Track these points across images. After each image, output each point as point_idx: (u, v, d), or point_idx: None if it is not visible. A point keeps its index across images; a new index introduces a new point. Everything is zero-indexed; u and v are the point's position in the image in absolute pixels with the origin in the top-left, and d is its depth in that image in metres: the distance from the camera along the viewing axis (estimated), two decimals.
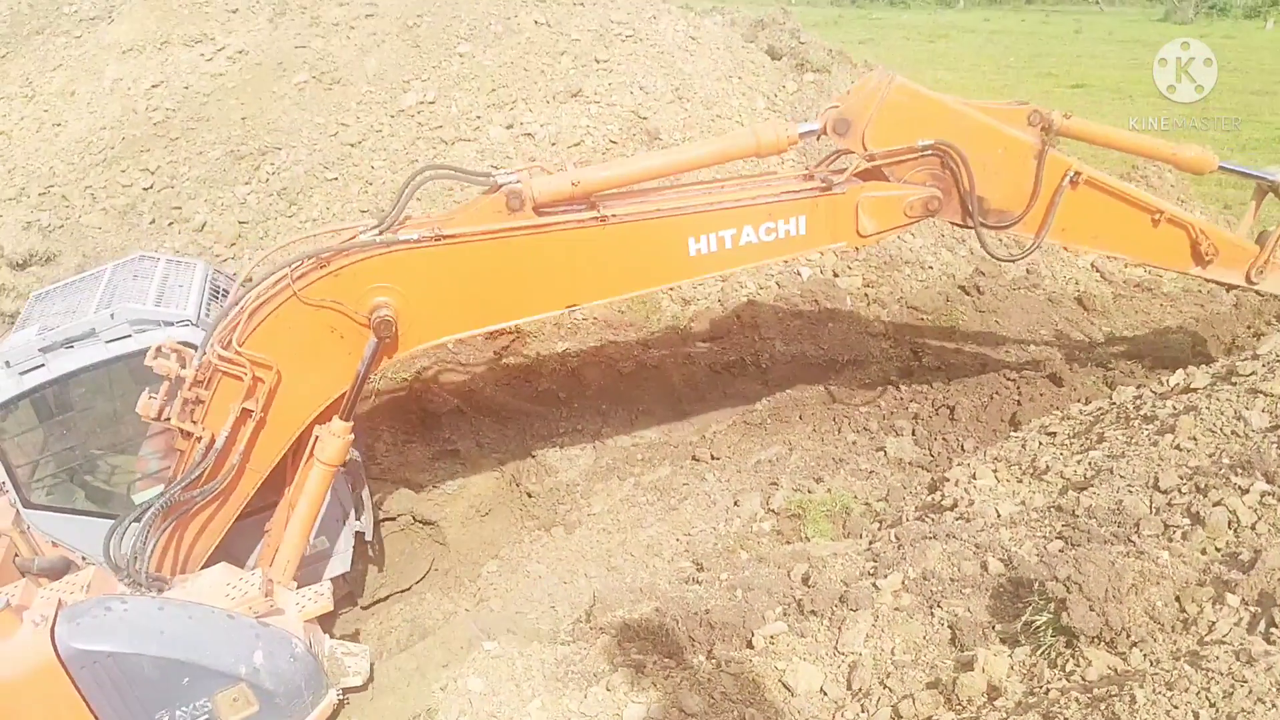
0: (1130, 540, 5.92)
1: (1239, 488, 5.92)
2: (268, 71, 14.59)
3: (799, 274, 12.19)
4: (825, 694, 5.98)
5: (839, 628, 6.37)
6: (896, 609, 6.28)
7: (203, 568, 7.18)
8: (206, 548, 7.17)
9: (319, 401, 6.85)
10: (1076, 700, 4.65)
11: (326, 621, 8.65)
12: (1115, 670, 4.97)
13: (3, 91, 14.84)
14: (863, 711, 5.71)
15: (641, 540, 9.76)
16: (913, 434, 10.32)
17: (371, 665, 7.54)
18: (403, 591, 10.11)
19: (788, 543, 8.64)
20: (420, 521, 10.30)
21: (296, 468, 7.21)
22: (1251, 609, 4.97)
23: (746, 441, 11.26)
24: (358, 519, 8.45)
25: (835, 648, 6.26)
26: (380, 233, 6.52)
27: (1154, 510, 6.20)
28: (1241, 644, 4.64)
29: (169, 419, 6.54)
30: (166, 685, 6.26)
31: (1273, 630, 4.71)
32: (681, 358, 11.86)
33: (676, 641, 6.94)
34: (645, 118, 14.04)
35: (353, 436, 7.11)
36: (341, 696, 7.00)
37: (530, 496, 11.33)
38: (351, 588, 9.46)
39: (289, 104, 14.02)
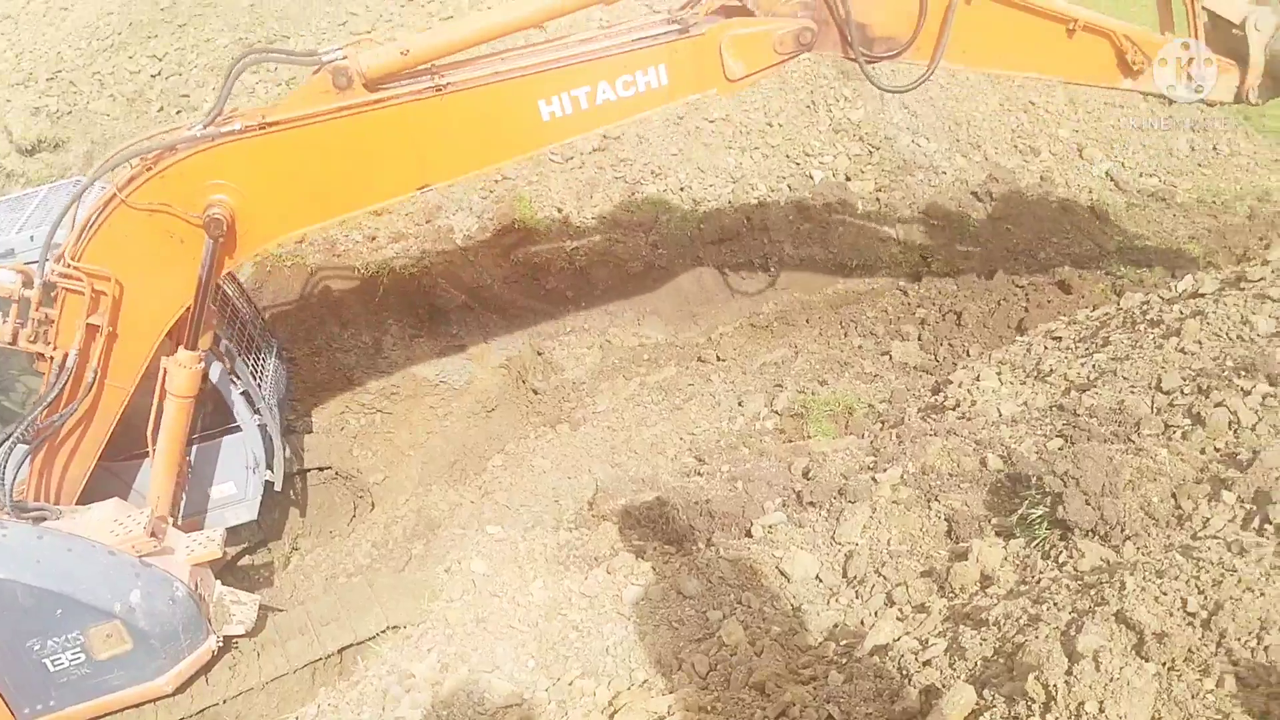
0: (1130, 439, 5.97)
1: (1241, 389, 5.94)
2: None
3: (810, 177, 12.06)
4: (821, 581, 6.10)
5: (837, 519, 6.47)
6: (894, 502, 6.36)
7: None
8: (81, 471, 6.93)
9: (171, 310, 6.52)
10: (1067, 587, 4.73)
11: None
12: (1108, 562, 5.04)
13: None
14: (857, 598, 5.83)
15: (646, 438, 9.83)
16: (919, 338, 10.34)
17: (262, 613, 7.31)
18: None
19: (790, 441, 8.72)
20: (341, 476, 10.12)
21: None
22: (1246, 506, 5.03)
23: (752, 344, 11.29)
24: (269, 468, 8.19)
25: (832, 538, 6.36)
26: (205, 127, 6.04)
27: (1155, 410, 6.24)
28: (1235, 538, 4.69)
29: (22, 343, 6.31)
30: (39, 615, 6.22)
31: (1267, 526, 4.76)
32: (690, 259, 11.81)
33: (677, 529, 7.07)
34: None
35: (203, 365, 6.85)
36: (221, 644, 6.86)
37: (536, 393, 11.40)
38: (265, 535, 9.34)
39: None
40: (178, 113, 12.63)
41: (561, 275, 11.73)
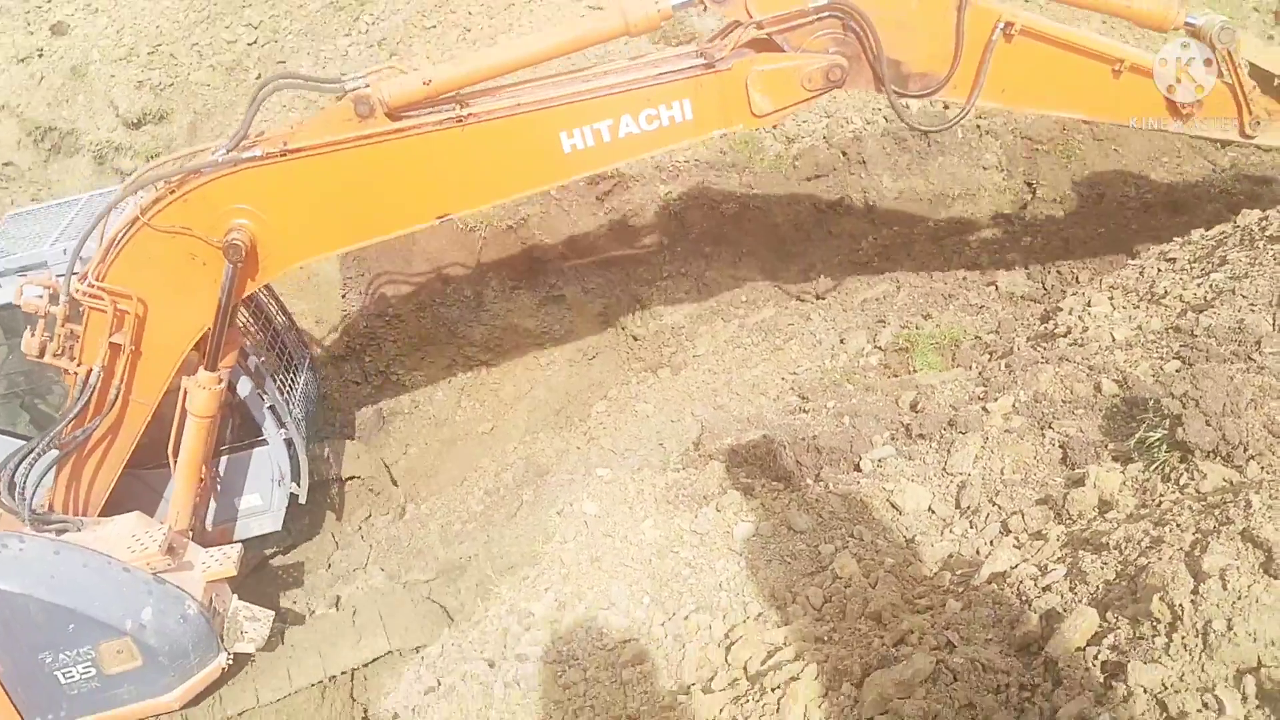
0: (1251, 358, 5.78)
1: None
2: None
3: (907, 107, 11.78)
4: (933, 512, 6.06)
5: (947, 450, 6.41)
6: (1006, 431, 6.28)
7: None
8: (105, 484, 7.07)
9: (193, 330, 6.59)
10: (1190, 509, 4.63)
11: None
12: (1231, 482, 4.92)
13: None
14: (971, 528, 5.78)
15: (747, 379, 9.83)
16: (1025, 267, 10.11)
17: (279, 632, 7.48)
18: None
19: (895, 375, 8.63)
20: (363, 480, 10.24)
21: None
22: None
23: (852, 280, 11.16)
24: (294, 481, 8.28)
25: (944, 469, 6.31)
26: (228, 151, 6.11)
27: (1277, 328, 6.02)
28: None
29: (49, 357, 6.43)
30: (52, 629, 6.38)
31: None
32: (786, 198, 11.68)
33: (784, 466, 7.09)
34: None
35: (222, 386, 6.91)
36: (231, 661, 7.01)
37: (636, 339, 11.49)
38: (295, 540, 9.46)
39: None
40: None
41: (656, 220, 11.73)
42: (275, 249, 6.38)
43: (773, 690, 4.74)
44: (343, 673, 7.41)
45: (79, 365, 6.50)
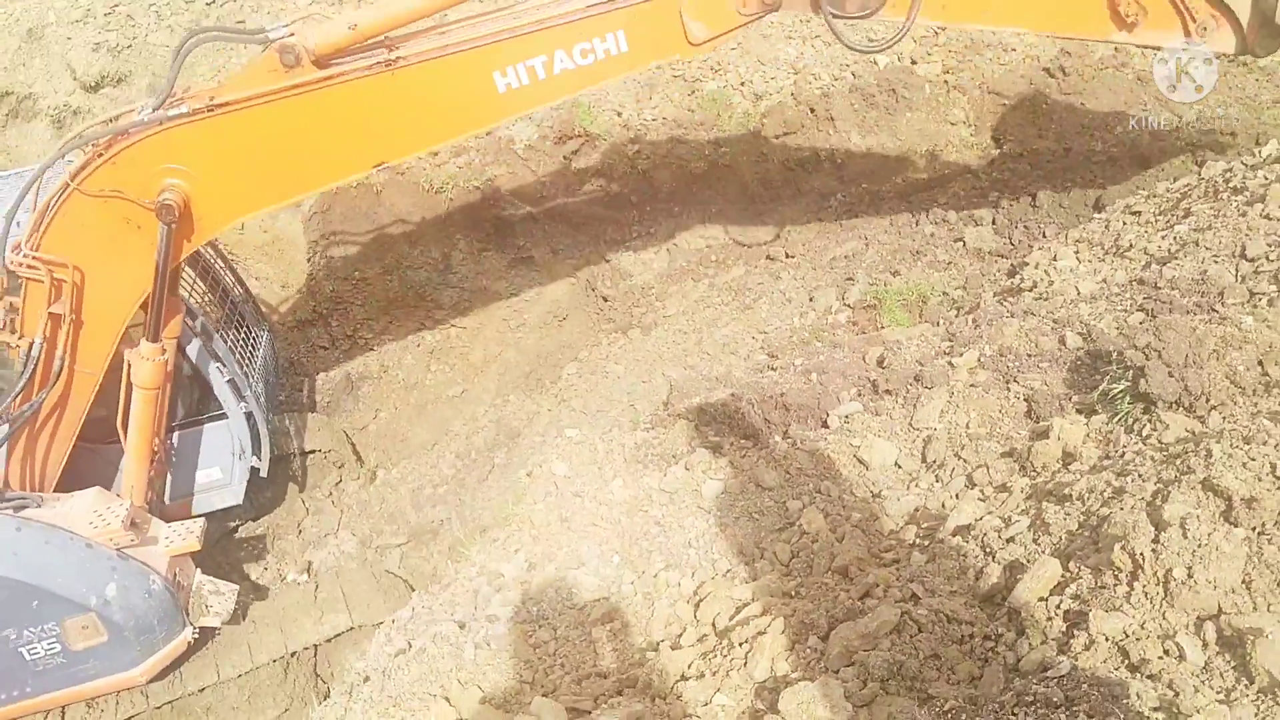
0: (1214, 308, 5.81)
1: None
2: None
3: (875, 63, 11.74)
4: (900, 467, 6.09)
5: (914, 405, 6.44)
6: (972, 385, 6.30)
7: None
8: (58, 459, 6.94)
9: (134, 296, 6.49)
10: (1151, 459, 4.67)
11: None
12: (1193, 432, 4.95)
13: None
14: (937, 481, 5.82)
15: (717, 339, 9.83)
16: (993, 223, 10.09)
17: (242, 606, 7.46)
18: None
19: (863, 332, 8.64)
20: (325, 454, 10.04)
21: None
22: None
23: (821, 238, 11.14)
24: (255, 455, 8.15)
25: (910, 424, 6.34)
26: (154, 110, 5.89)
27: (1240, 278, 6.06)
28: None
29: None
30: (15, 606, 6.32)
31: None
32: (754, 156, 11.63)
33: (752, 424, 7.10)
34: None
35: (165, 356, 6.76)
36: (197, 635, 6.98)
37: (606, 300, 11.44)
38: (259, 511, 9.30)
39: None
40: None
41: (624, 180, 11.65)
42: (210, 207, 6.23)
43: (740, 645, 4.76)
44: (305, 648, 7.42)
45: (21, 338, 6.35)
